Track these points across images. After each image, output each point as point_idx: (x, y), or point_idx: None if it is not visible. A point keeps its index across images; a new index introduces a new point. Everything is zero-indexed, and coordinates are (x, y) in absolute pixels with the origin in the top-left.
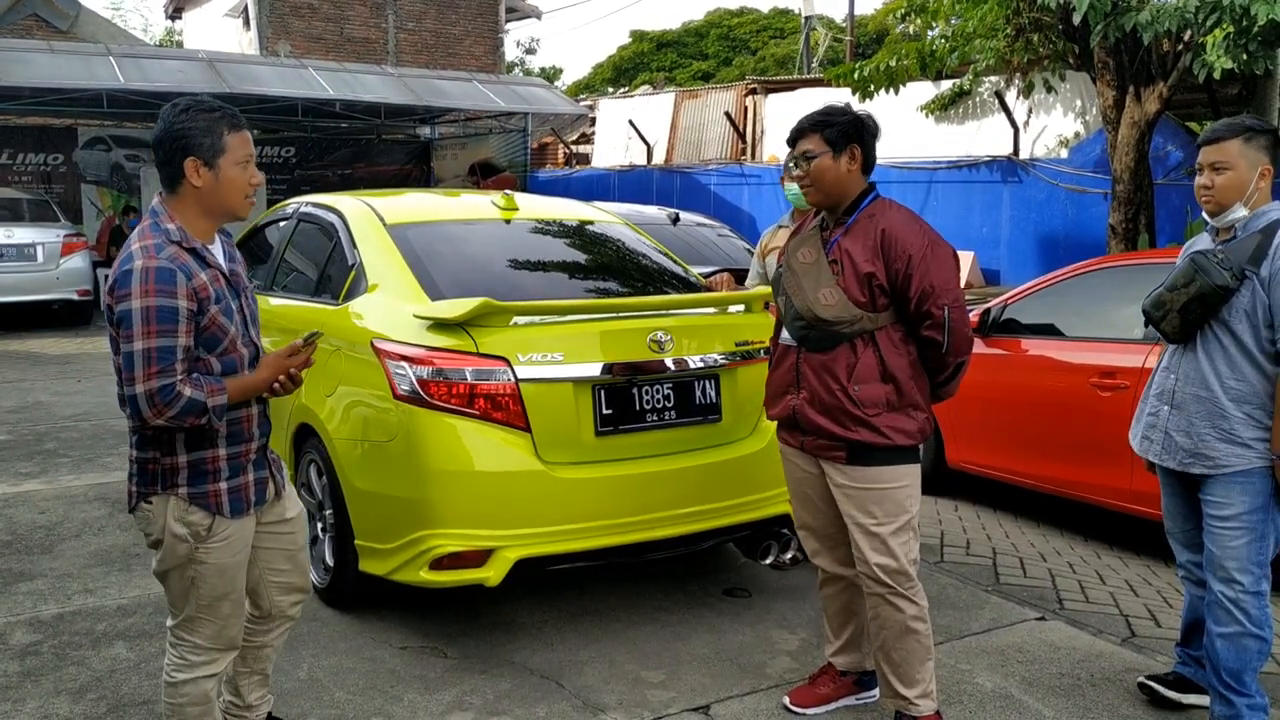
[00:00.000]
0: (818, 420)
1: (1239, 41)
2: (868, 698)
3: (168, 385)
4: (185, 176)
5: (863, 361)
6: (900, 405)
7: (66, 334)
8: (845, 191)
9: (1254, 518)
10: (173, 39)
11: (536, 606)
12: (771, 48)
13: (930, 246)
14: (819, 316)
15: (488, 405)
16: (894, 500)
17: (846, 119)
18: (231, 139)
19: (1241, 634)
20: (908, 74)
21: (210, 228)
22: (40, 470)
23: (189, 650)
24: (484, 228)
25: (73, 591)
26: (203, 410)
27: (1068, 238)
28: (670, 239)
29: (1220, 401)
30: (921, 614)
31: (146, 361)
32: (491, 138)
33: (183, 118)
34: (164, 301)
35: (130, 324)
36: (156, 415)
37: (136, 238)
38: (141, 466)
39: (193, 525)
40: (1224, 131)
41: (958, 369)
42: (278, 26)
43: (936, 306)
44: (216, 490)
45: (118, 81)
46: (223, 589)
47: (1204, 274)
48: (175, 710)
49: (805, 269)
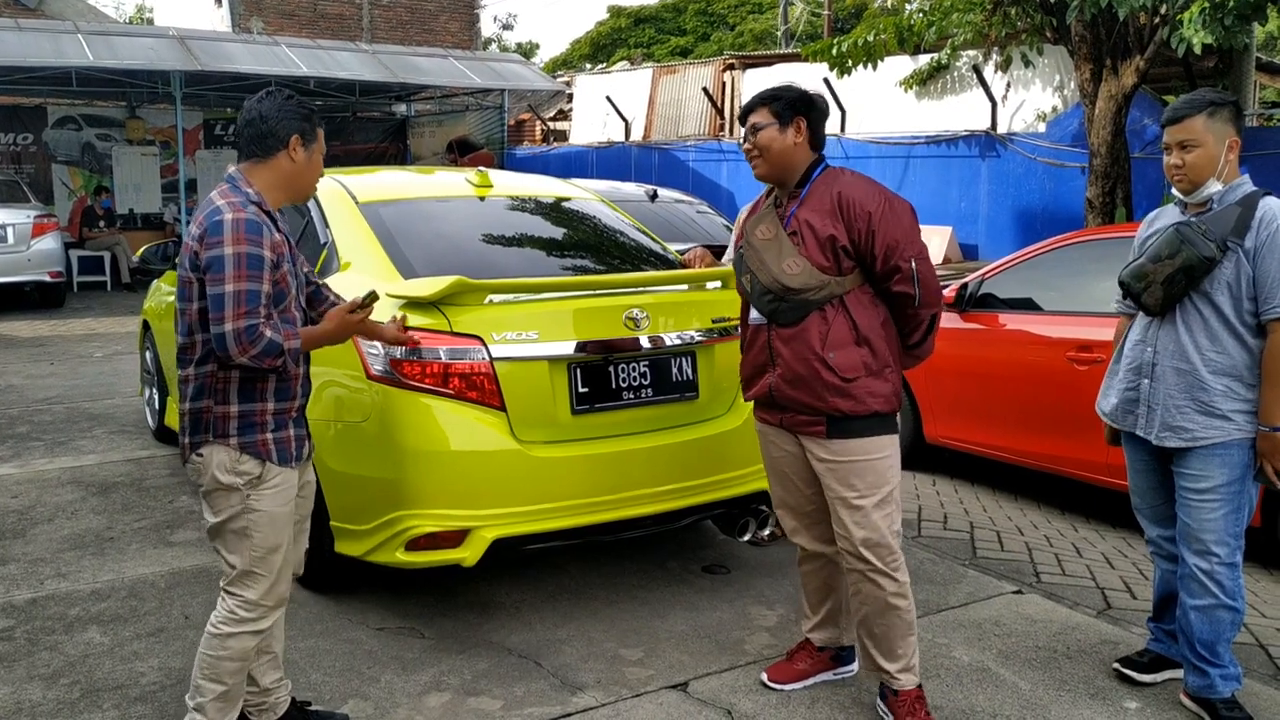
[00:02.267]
0: (794, 395)
1: (1215, 15)
2: (845, 673)
3: (253, 325)
4: (286, 149)
5: (835, 327)
6: (876, 368)
7: (39, 316)
8: (792, 163)
9: (1231, 489)
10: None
11: (514, 586)
12: (750, 23)
13: (887, 203)
14: (787, 286)
15: (462, 384)
16: (875, 471)
17: (793, 94)
18: (320, 132)
19: (1215, 606)
20: (885, 49)
21: (280, 201)
22: (13, 454)
23: (240, 605)
24: (458, 205)
25: (45, 576)
26: (280, 352)
27: (1045, 212)
28: (648, 216)
29: (1200, 374)
30: (902, 590)
31: (236, 302)
32: (468, 115)
33: (289, 104)
34: (253, 250)
35: (221, 268)
36: (241, 353)
37: (218, 196)
38: (195, 416)
39: (245, 474)
40: (1186, 109)
41: (931, 323)
42: (250, 3)
43: (903, 260)
44: (265, 440)
45: (87, 59)
46: (274, 539)
47: (1190, 245)
48: (212, 663)
49: (766, 245)
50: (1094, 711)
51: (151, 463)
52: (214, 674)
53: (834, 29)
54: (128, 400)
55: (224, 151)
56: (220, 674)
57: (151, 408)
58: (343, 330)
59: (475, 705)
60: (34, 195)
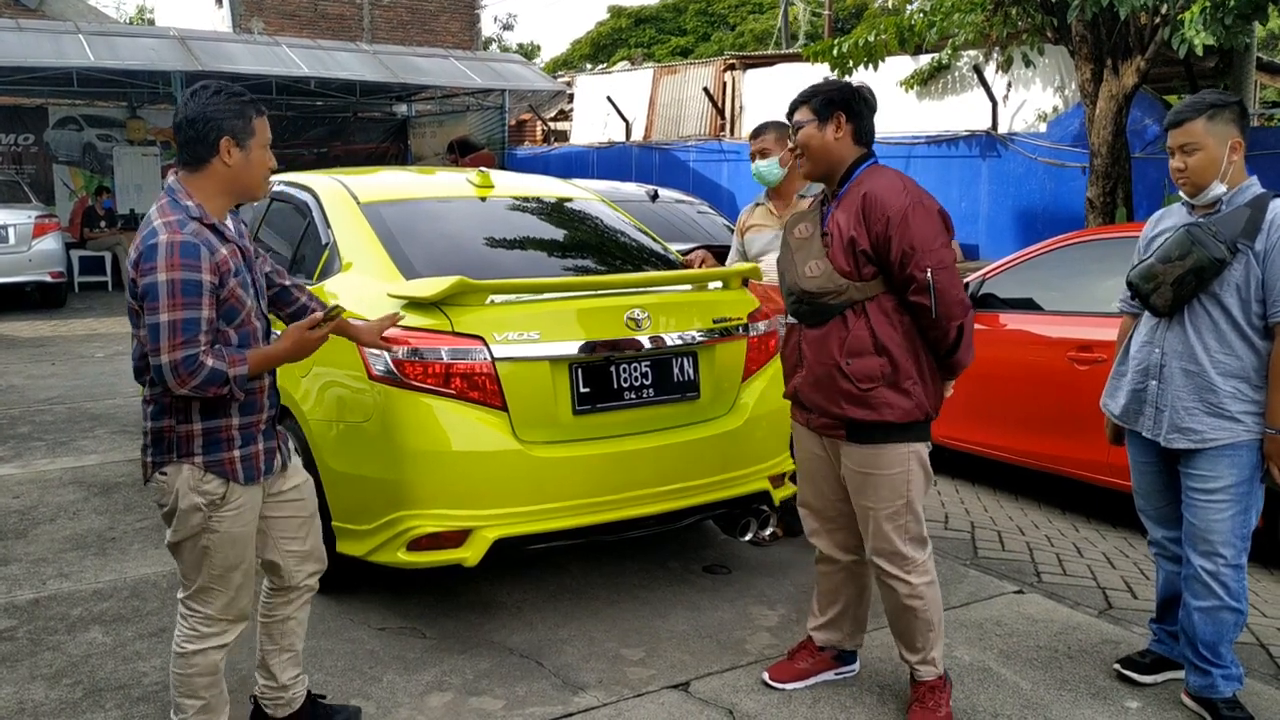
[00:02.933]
0: (814, 397)
1: (1216, 15)
2: (846, 673)
3: (191, 355)
4: (218, 154)
5: (854, 334)
6: (895, 379)
7: (40, 316)
8: (834, 160)
9: (1239, 490)
10: (144, 17)
11: (515, 586)
12: (750, 23)
13: (912, 206)
14: (804, 289)
15: (464, 385)
16: (890, 485)
17: (833, 88)
18: (258, 123)
19: (1220, 607)
20: (886, 49)
21: (225, 206)
22: (14, 454)
23: (200, 621)
24: (459, 206)
25: (48, 576)
26: (225, 380)
27: (1046, 212)
28: (649, 216)
29: (1209, 375)
30: (916, 591)
31: (172, 333)
32: (469, 115)
33: (215, 100)
34: (189, 275)
35: (156, 296)
36: (181, 385)
37: (156, 214)
38: (157, 436)
39: (208, 494)
40: (1187, 113)
41: (959, 335)
42: (250, 3)
43: (919, 269)
44: (231, 458)
45: (88, 60)
46: (234, 559)
47: (1201, 246)
48: (184, 681)
49: (799, 244)
50: (1095, 711)
51: None
52: (188, 690)
53: (834, 29)
54: (129, 400)
55: None
56: (195, 689)
57: None
58: (300, 349)
59: (477, 705)
60: (35, 195)
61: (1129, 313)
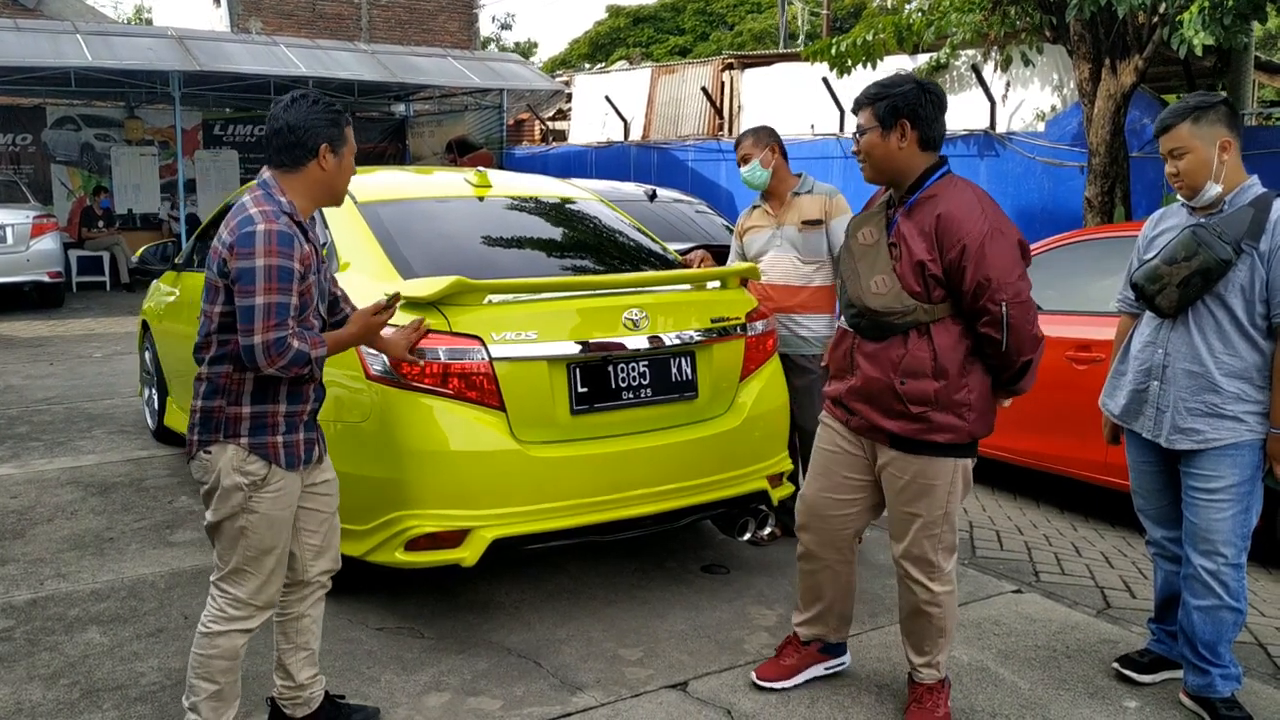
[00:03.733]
0: (861, 408)
1: (1215, 14)
2: (836, 665)
3: (281, 337)
4: (316, 159)
5: (913, 354)
6: (950, 403)
7: (38, 316)
8: (900, 169)
9: (1241, 490)
10: (142, 16)
11: (514, 586)
12: (749, 22)
13: (990, 234)
14: (869, 306)
15: (462, 384)
16: (933, 496)
17: (900, 91)
18: (348, 132)
19: (1219, 607)
20: (884, 48)
21: (311, 208)
22: (12, 454)
23: (229, 603)
24: (457, 205)
25: (45, 576)
26: (307, 361)
27: (1044, 211)
28: (647, 216)
29: (1213, 376)
30: (936, 599)
31: (265, 315)
32: (467, 114)
33: (315, 109)
34: (283, 262)
35: (252, 280)
36: (270, 364)
37: (251, 204)
38: (206, 414)
39: (250, 474)
40: (1171, 118)
41: (1023, 368)
42: (248, 3)
43: (993, 302)
44: (274, 442)
45: (85, 59)
46: (270, 542)
47: (1207, 248)
48: (204, 662)
49: (864, 251)
50: (1093, 710)
51: (151, 463)
52: (205, 673)
53: (832, 28)
54: (127, 400)
55: (223, 151)
56: (212, 673)
57: (151, 408)
58: (366, 332)
59: (475, 705)
60: (33, 195)
61: (1127, 312)
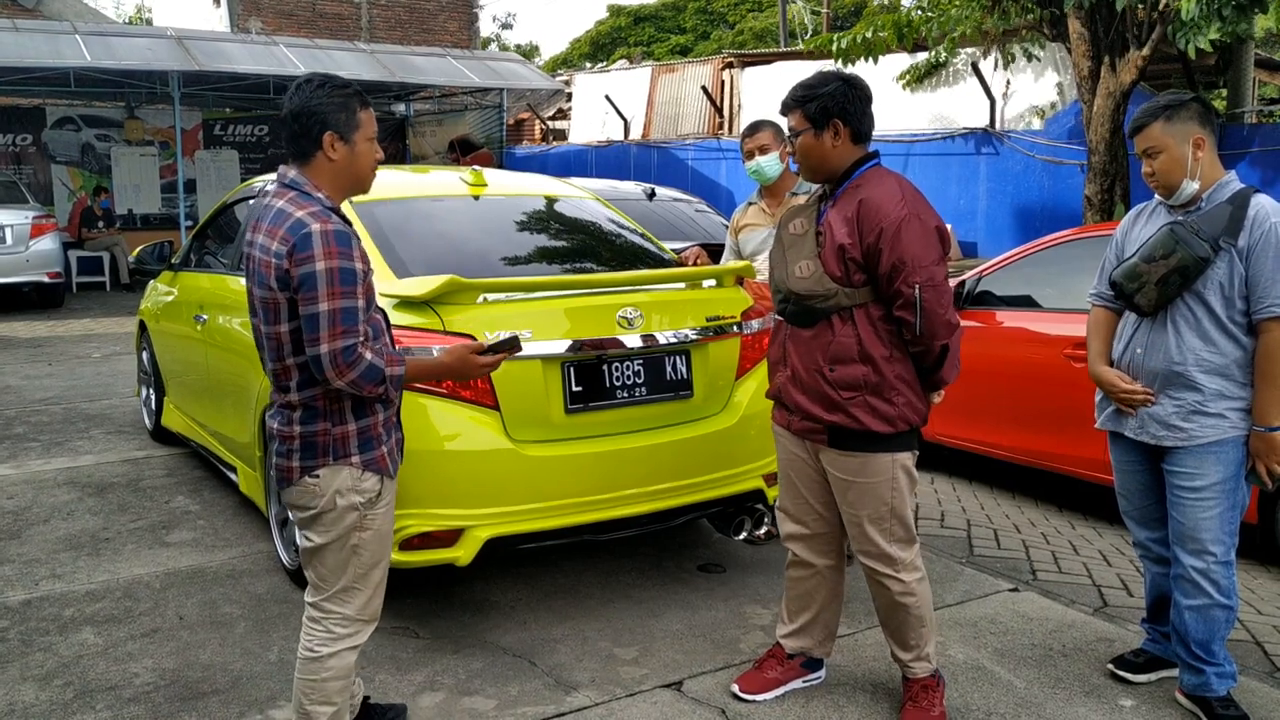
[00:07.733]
0: (798, 399)
1: (1213, 6)
2: (813, 679)
3: (351, 346)
4: (321, 149)
5: (839, 340)
6: (879, 389)
7: (37, 317)
8: (833, 166)
9: (1226, 487)
10: (142, 16)
11: (508, 585)
12: (749, 21)
13: (907, 218)
14: (792, 290)
15: (456, 384)
16: (874, 493)
17: (827, 91)
18: (363, 115)
19: (1210, 605)
20: (885, 45)
21: (340, 199)
22: (9, 455)
23: (336, 622)
24: (452, 204)
25: (40, 577)
26: (381, 379)
27: (1044, 209)
28: (646, 215)
29: (1192, 375)
30: (909, 589)
31: (331, 322)
32: (468, 114)
33: (320, 93)
34: (345, 263)
35: (315, 286)
36: (339, 376)
37: (292, 207)
38: (308, 440)
39: (366, 491)
40: (1143, 119)
41: (941, 354)
42: (248, 3)
43: (907, 284)
44: (383, 454)
45: (84, 60)
46: (379, 554)
47: (1185, 245)
48: (316, 687)
49: (792, 240)
50: (1089, 709)
51: (148, 463)
52: (322, 696)
53: (832, 26)
54: (125, 401)
55: (223, 151)
56: (329, 694)
57: (148, 408)
58: (465, 371)
59: (469, 705)
60: (33, 196)
61: (1099, 305)
